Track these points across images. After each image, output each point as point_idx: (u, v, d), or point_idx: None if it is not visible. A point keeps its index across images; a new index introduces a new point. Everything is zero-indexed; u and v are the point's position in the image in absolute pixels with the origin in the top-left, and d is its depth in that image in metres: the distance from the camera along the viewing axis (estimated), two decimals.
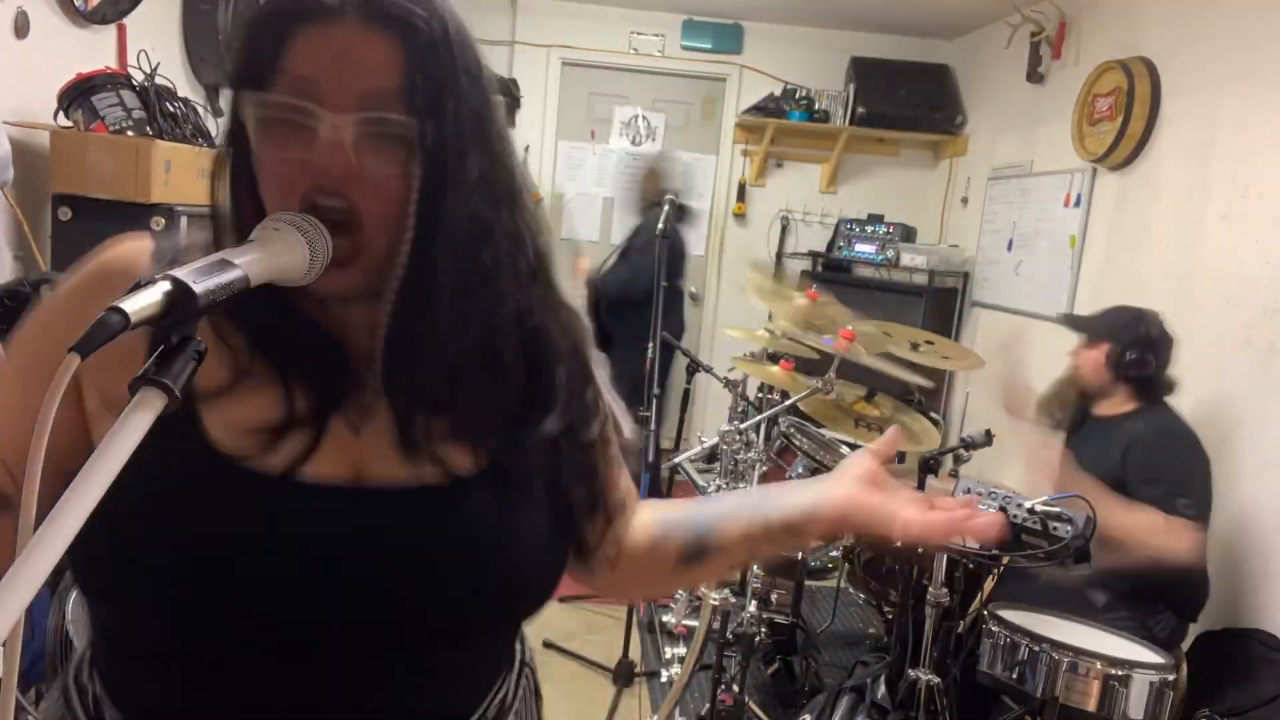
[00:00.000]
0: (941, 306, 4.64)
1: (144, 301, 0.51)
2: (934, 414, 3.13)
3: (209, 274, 0.55)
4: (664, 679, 2.74)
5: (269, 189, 0.68)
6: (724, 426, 2.60)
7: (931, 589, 2.13)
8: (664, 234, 3.39)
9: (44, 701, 0.84)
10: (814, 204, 5.30)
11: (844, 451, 3.03)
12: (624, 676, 2.88)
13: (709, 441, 2.57)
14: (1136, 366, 2.50)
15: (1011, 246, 4.24)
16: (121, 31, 2.99)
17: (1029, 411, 2.82)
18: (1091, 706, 1.91)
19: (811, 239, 5.28)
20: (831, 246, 5.05)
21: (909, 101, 4.93)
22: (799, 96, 5.05)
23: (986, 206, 4.54)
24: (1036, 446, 2.72)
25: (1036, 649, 1.96)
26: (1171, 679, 1.93)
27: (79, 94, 2.55)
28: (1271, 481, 2.56)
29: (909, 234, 4.88)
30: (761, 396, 3.37)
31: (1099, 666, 1.91)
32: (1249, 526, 2.58)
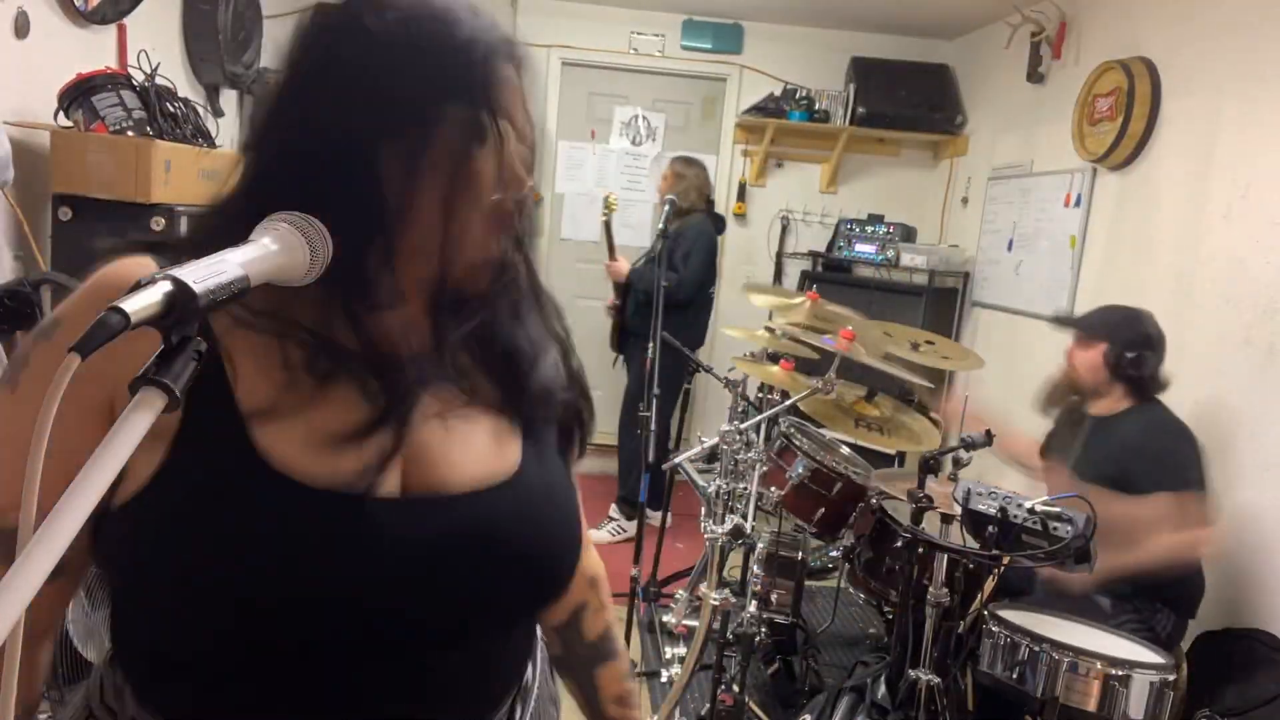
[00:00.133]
0: (941, 306, 4.64)
1: (144, 301, 0.51)
2: (934, 414, 3.12)
3: (209, 274, 0.55)
4: (664, 679, 2.74)
5: (461, 203, 0.76)
6: (724, 426, 2.59)
7: (931, 589, 2.12)
8: (664, 234, 3.41)
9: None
10: (814, 204, 5.30)
11: (844, 452, 3.04)
12: None
13: (709, 441, 2.57)
14: (1135, 365, 2.50)
15: (1011, 246, 4.24)
16: (121, 31, 2.99)
17: (1033, 456, 2.84)
18: (1091, 706, 1.91)
19: (811, 239, 5.28)
20: (831, 246, 5.04)
21: (909, 101, 4.92)
22: (799, 96, 5.05)
23: (986, 206, 4.54)
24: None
25: (1036, 649, 1.96)
26: (1171, 679, 1.93)
27: (79, 94, 2.55)
28: (1271, 481, 2.56)
29: (909, 234, 4.88)
30: (761, 396, 3.37)
31: (1099, 666, 1.91)
32: (1249, 526, 2.58)
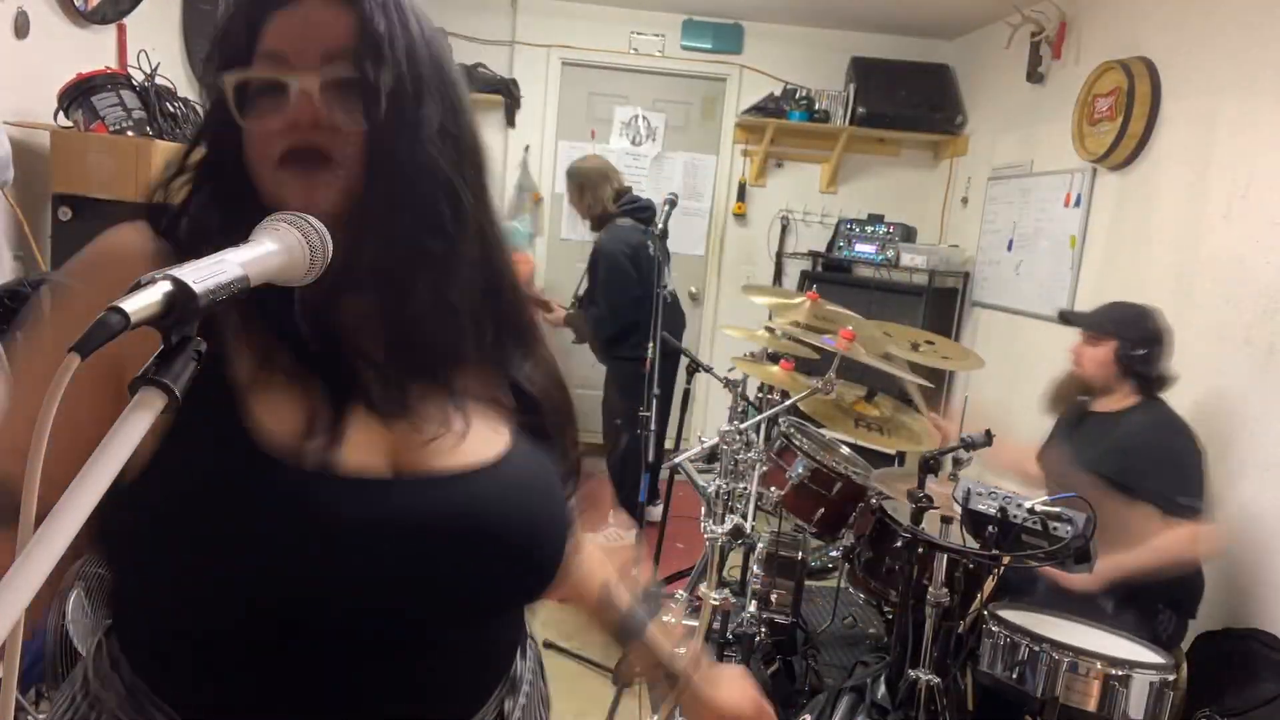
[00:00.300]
0: (941, 306, 4.64)
1: (144, 301, 0.51)
2: (933, 414, 3.12)
3: (209, 274, 0.55)
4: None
5: (256, 161, 0.74)
6: (724, 426, 2.59)
7: (931, 589, 2.12)
8: (664, 234, 3.39)
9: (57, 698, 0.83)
10: (814, 204, 5.30)
11: (844, 452, 3.03)
12: (624, 676, 2.87)
13: (709, 441, 2.57)
14: (1145, 362, 2.51)
15: (1011, 246, 4.24)
16: (121, 31, 2.99)
17: (1030, 463, 2.83)
18: (1091, 706, 1.91)
19: (811, 239, 5.27)
20: (831, 246, 5.04)
21: (909, 101, 4.93)
22: (799, 96, 5.05)
23: (986, 206, 4.54)
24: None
25: (1036, 649, 1.96)
26: (1171, 679, 1.93)
27: (79, 94, 2.55)
28: (1271, 481, 2.56)
29: (909, 234, 4.88)
30: (761, 396, 3.37)
31: (1099, 666, 1.91)
32: (1249, 526, 2.58)
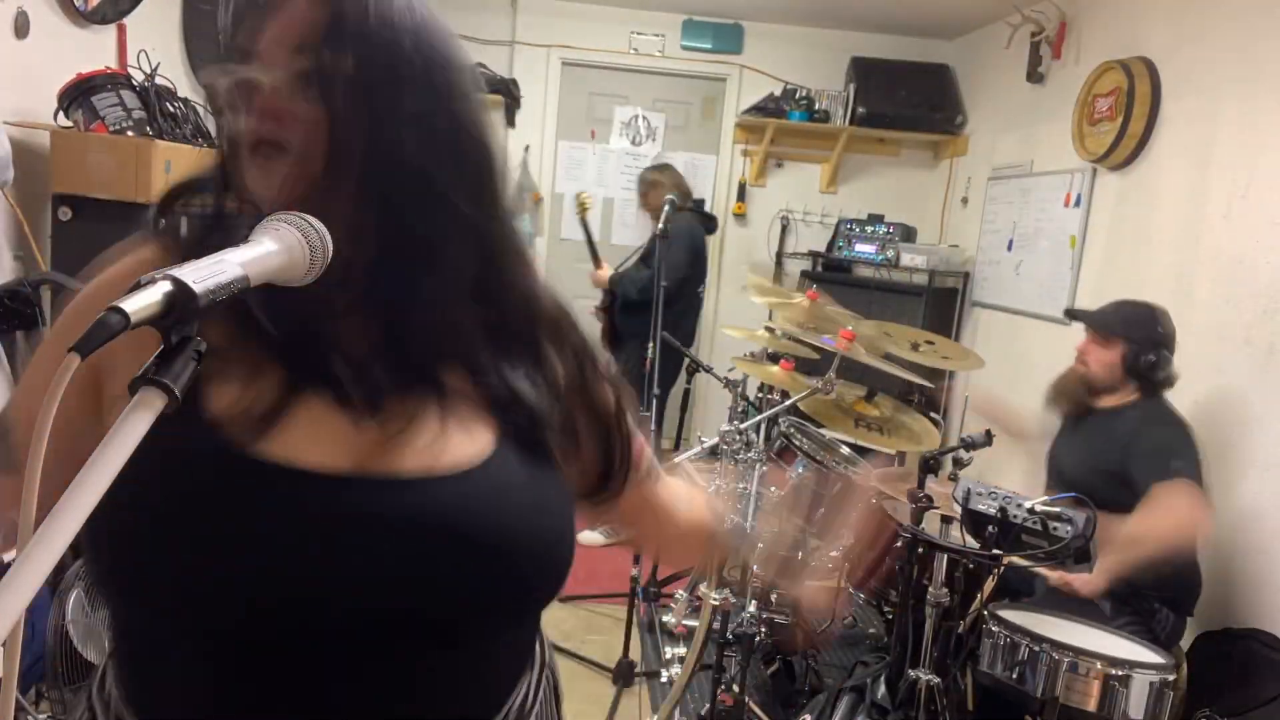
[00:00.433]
0: (941, 306, 4.64)
1: (144, 301, 0.51)
2: (934, 414, 3.12)
3: (209, 274, 0.55)
4: (664, 679, 2.74)
5: (235, 159, 0.73)
6: (724, 426, 2.59)
7: (931, 589, 2.12)
8: (664, 234, 3.40)
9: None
10: (814, 204, 5.30)
11: (844, 451, 3.03)
12: (624, 676, 2.88)
13: (709, 441, 2.57)
14: (1154, 367, 2.50)
15: (1011, 246, 4.24)
16: (121, 31, 2.99)
17: (1027, 426, 2.84)
18: (1091, 706, 1.91)
19: (811, 239, 5.27)
20: (831, 246, 5.04)
21: (909, 101, 4.92)
22: (799, 96, 5.05)
23: (986, 206, 4.54)
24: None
25: (1036, 649, 1.96)
26: (1171, 679, 1.93)
27: (79, 94, 2.55)
28: (1271, 481, 2.56)
29: (909, 234, 4.88)
30: (761, 396, 3.37)
31: (1099, 666, 1.91)
32: (1249, 526, 2.58)
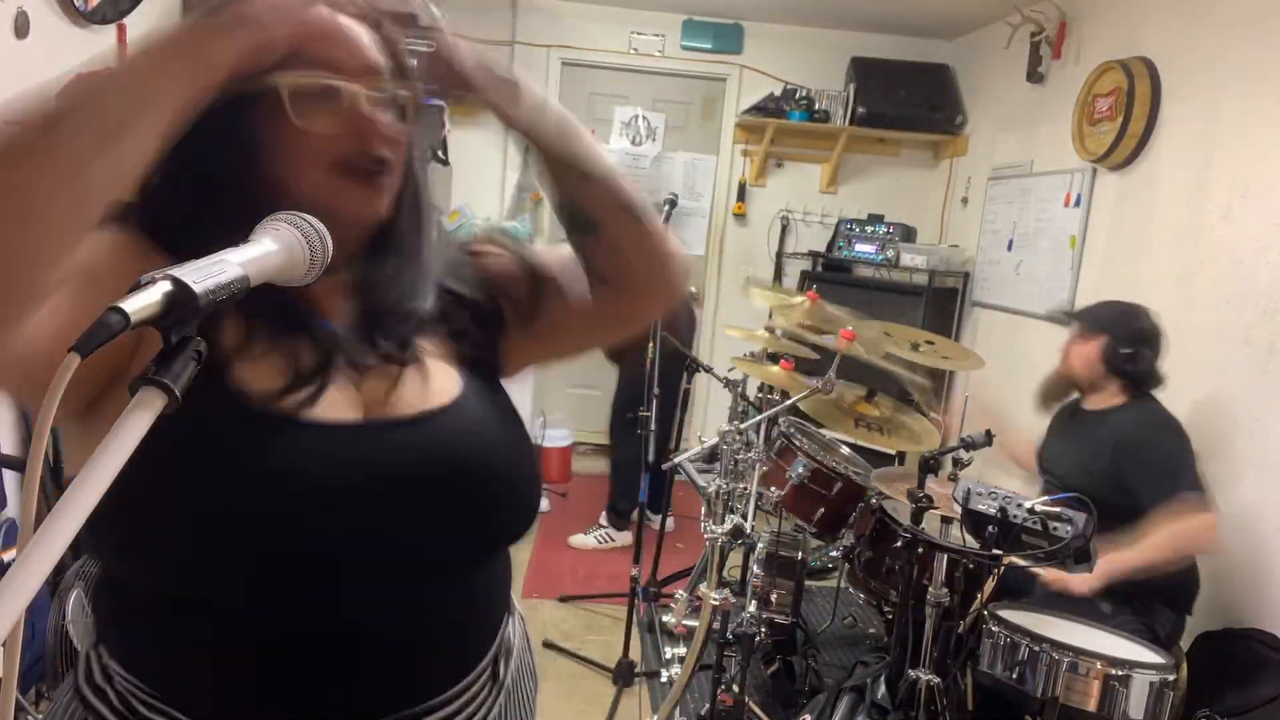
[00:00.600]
0: (941, 306, 4.64)
1: (144, 301, 0.51)
2: (934, 414, 3.12)
3: (209, 274, 0.55)
4: (664, 679, 2.74)
5: (297, 165, 0.75)
6: (724, 426, 2.60)
7: (931, 589, 2.12)
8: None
9: (50, 709, 0.84)
10: (814, 204, 5.30)
11: (844, 452, 3.04)
12: (624, 676, 2.88)
13: (709, 441, 2.57)
14: (1131, 360, 2.52)
15: (1011, 246, 4.24)
16: (121, 31, 2.99)
17: (1030, 459, 2.84)
18: (1091, 706, 1.91)
19: (811, 239, 5.27)
20: (831, 246, 5.04)
21: (909, 101, 4.92)
22: (799, 96, 5.05)
23: (986, 206, 4.54)
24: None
25: (1036, 649, 1.96)
26: (1171, 679, 1.93)
27: None
28: (1272, 482, 2.56)
29: (909, 234, 4.88)
30: (761, 396, 3.37)
31: (1099, 666, 1.91)
32: (1249, 527, 2.58)
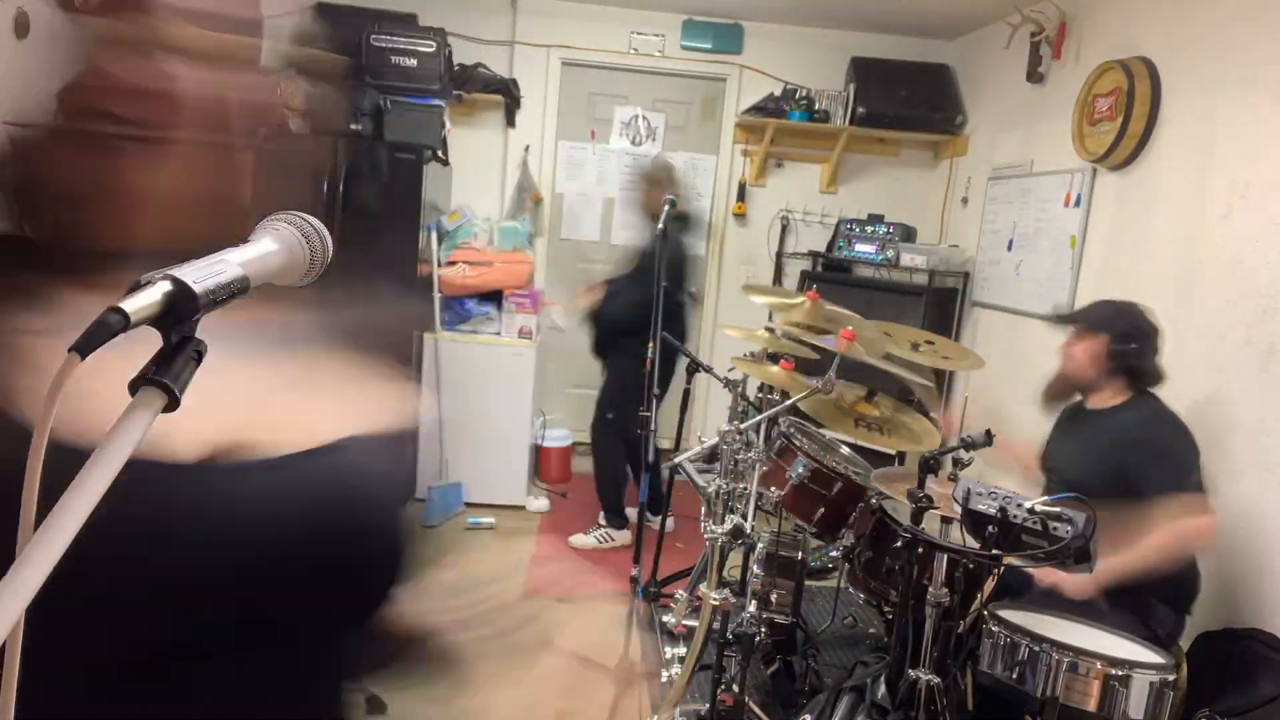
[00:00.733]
0: (941, 306, 4.64)
1: (144, 301, 0.51)
2: (934, 414, 3.12)
3: (209, 274, 0.55)
4: (664, 679, 2.74)
5: None
6: (724, 426, 2.59)
7: (931, 589, 2.12)
8: (664, 234, 3.39)
9: None
10: (814, 204, 5.30)
11: (844, 452, 3.04)
12: (624, 676, 2.87)
13: (709, 441, 2.57)
14: (1132, 357, 2.52)
15: (1011, 246, 4.24)
16: None
17: (1031, 462, 2.85)
18: (1091, 706, 1.91)
19: (811, 239, 5.28)
20: (831, 246, 5.04)
21: (909, 101, 4.93)
22: (799, 96, 5.05)
23: (986, 206, 4.54)
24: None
25: (1036, 649, 1.96)
26: (1172, 679, 1.93)
27: None
28: (1271, 481, 2.56)
29: (909, 234, 4.88)
30: (761, 396, 3.37)
31: (1099, 666, 1.91)
32: (1249, 527, 2.58)
